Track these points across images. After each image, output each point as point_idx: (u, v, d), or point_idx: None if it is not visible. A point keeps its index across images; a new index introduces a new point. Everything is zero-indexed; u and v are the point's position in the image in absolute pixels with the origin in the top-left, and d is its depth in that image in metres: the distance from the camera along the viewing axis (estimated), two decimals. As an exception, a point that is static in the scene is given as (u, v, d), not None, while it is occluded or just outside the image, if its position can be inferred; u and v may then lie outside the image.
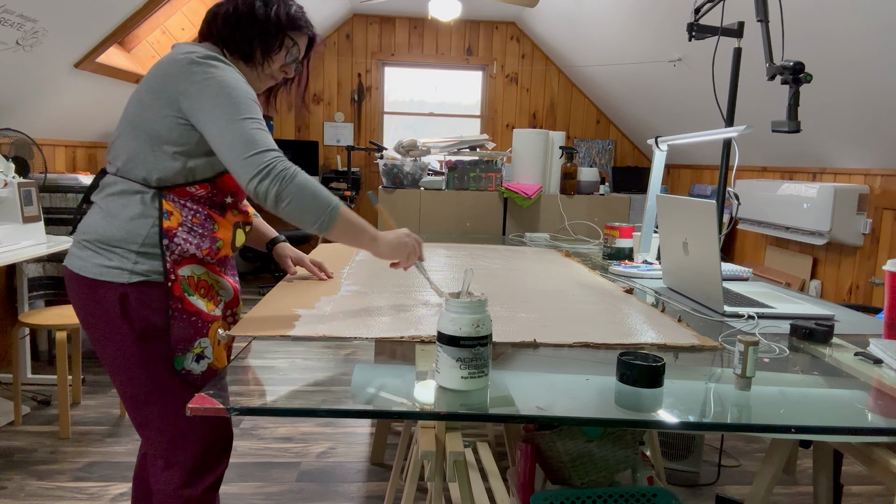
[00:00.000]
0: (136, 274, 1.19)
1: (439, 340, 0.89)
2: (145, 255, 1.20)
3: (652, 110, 5.14)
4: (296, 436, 2.59)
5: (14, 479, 2.18)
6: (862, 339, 1.27)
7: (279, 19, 1.31)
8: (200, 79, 1.17)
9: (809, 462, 2.52)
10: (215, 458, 1.30)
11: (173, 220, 1.22)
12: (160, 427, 1.24)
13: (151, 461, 1.28)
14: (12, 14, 2.39)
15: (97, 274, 1.19)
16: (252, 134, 1.17)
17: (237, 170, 1.16)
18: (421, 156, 3.15)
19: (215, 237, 1.28)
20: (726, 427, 0.84)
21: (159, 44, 3.77)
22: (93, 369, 3.27)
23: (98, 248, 1.20)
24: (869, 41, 2.56)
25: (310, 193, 1.19)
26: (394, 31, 5.95)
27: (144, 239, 1.20)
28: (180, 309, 1.23)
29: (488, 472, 1.79)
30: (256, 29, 1.30)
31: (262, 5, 1.30)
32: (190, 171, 1.23)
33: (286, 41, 1.33)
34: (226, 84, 1.18)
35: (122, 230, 1.20)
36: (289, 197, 1.16)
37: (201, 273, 1.28)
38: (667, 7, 3.63)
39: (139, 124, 1.20)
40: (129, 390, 1.23)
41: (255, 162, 1.15)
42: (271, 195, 1.15)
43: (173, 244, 1.22)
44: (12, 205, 2.50)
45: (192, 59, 1.18)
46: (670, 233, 1.62)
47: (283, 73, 1.38)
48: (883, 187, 3.11)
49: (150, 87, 1.20)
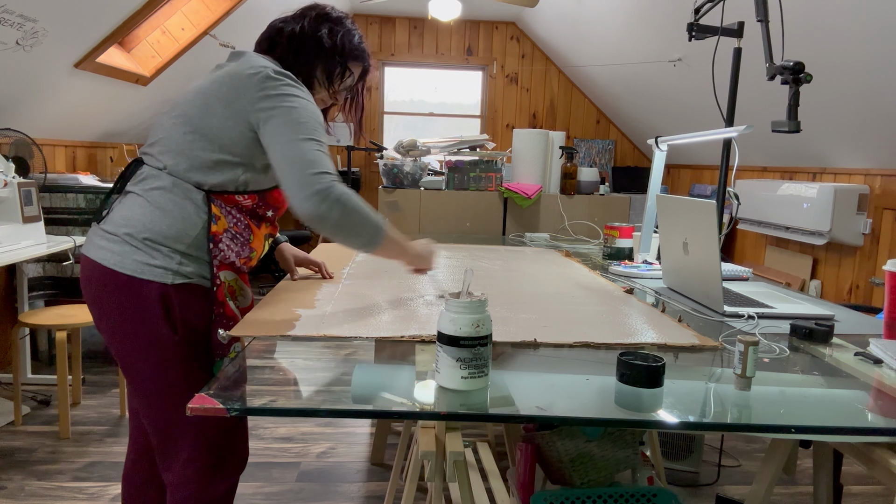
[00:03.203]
0: (179, 275, 1.18)
1: (439, 340, 0.89)
2: (190, 258, 1.19)
3: (652, 110, 5.14)
4: (296, 436, 2.59)
5: (14, 479, 2.18)
6: (862, 339, 1.27)
7: (343, 49, 1.34)
8: (274, 94, 1.19)
9: (809, 462, 2.52)
10: (236, 458, 1.30)
11: (220, 225, 1.22)
12: (184, 431, 1.23)
13: (168, 465, 1.25)
14: (12, 14, 2.39)
15: (137, 271, 1.16)
16: (315, 155, 1.18)
17: (293, 188, 1.16)
18: (421, 156, 3.15)
19: (252, 247, 1.29)
20: (726, 427, 0.84)
21: (159, 44, 3.77)
22: (93, 369, 3.27)
23: (141, 243, 1.17)
24: (869, 41, 2.56)
25: (363, 219, 1.21)
26: (394, 31, 5.95)
27: (193, 240, 1.19)
28: (221, 314, 1.23)
29: (488, 472, 1.79)
30: (321, 55, 1.33)
31: (328, 33, 1.32)
32: (243, 182, 1.24)
33: (347, 71, 1.36)
34: (297, 104, 1.20)
35: (172, 227, 1.18)
36: (346, 223, 1.19)
37: (232, 280, 1.29)
38: (667, 7, 3.63)
39: (200, 127, 1.20)
40: (155, 392, 1.20)
41: (313, 182, 1.16)
42: (331, 219, 1.17)
43: (217, 249, 1.22)
44: (12, 205, 2.50)
45: (268, 75, 1.20)
46: (670, 233, 1.62)
47: (333, 99, 1.41)
48: (883, 187, 3.11)
49: (221, 94, 1.20)
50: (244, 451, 1.34)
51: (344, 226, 1.19)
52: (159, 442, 1.25)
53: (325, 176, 1.17)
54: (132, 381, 1.22)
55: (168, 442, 1.24)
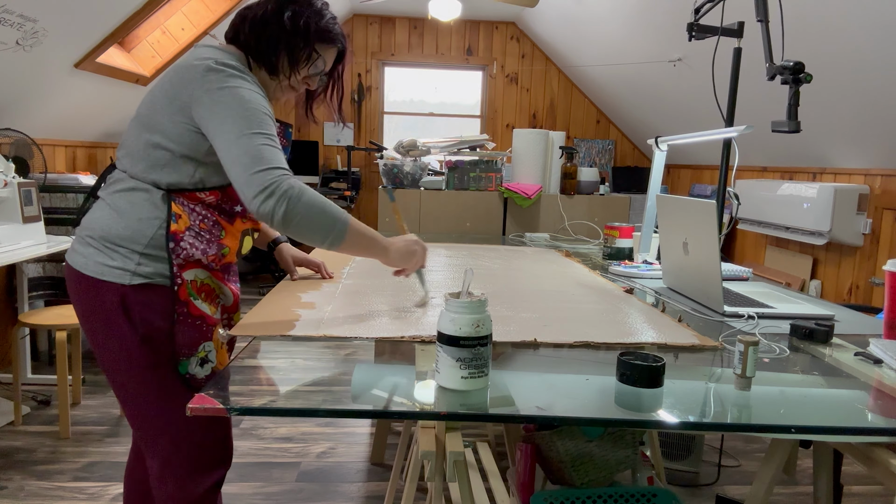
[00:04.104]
0: (138, 276, 1.17)
1: (439, 340, 0.89)
2: (149, 257, 1.18)
3: (652, 110, 5.14)
4: (296, 436, 2.59)
5: (14, 479, 2.18)
6: (862, 339, 1.27)
7: (308, 30, 1.26)
8: (215, 87, 1.14)
9: (809, 462, 2.52)
10: (216, 459, 1.30)
11: (181, 223, 1.20)
12: (160, 429, 1.23)
13: (150, 462, 1.27)
14: (12, 14, 2.39)
15: (98, 273, 1.17)
16: (260, 150, 1.12)
17: (241, 186, 1.11)
18: (421, 156, 3.15)
19: (222, 244, 1.26)
20: (726, 427, 0.84)
21: (159, 44, 3.77)
22: (93, 369, 3.26)
23: (101, 245, 1.18)
24: (869, 41, 2.56)
25: (318, 211, 1.14)
26: (394, 31, 5.95)
27: (150, 240, 1.18)
28: (185, 313, 1.21)
29: (488, 472, 1.79)
30: (284, 39, 1.25)
31: (292, 14, 1.25)
32: (199, 179, 1.20)
33: (313, 54, 1.28)
34: (240, 96, 1.14)
35: (128, 229, 1.17)
36: (297, 217, 1.12)
37: (204, 277, 1.26)
38: (667, 7, 3.63)
39: (150, 125, 1.18)
40: (128, 392, 1.22)
41: (259, 179, 1.10)
42: (278, 215, 1.10)
43: (179, 248, 1.20)
44: (12, 205, 2.50)
45: (210, 67, 1.15)
46: (670, 233, 1.62)
47: (305, 85, 1.34)
48: (883, 187, 3.11)
49: (165, 89, 1.18)
50: (227, 448, 1.33)
51: (297, 221, 1.12)
52: (140, 440, 1.26)
53: (271, 171, 1.11)
54: (109, 381, 1.24)
55: (147, 440, 1.25)
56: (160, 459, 1.25)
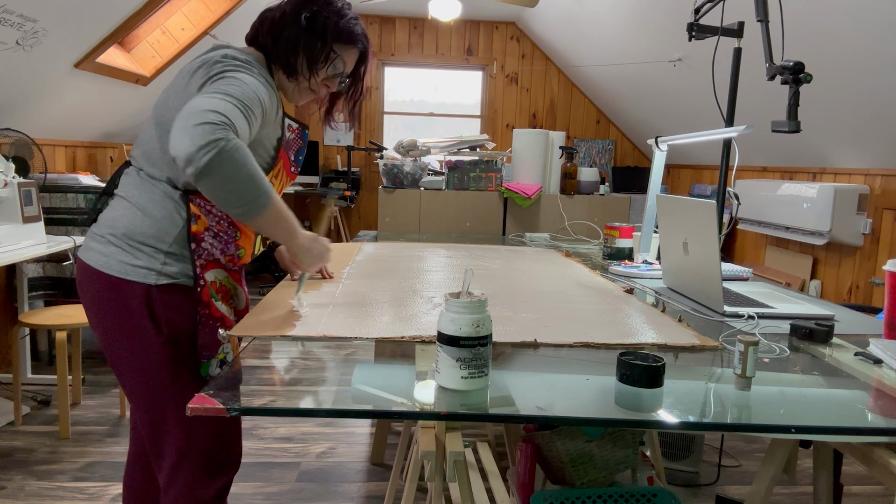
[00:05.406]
0: (163, 276, 1.16)
1: (439, 340, 0.89)
2: (174, 257, 1.17)
3: (652, 110, 5.14)
4: (296, 436, 2.59)
5: (14, 479, 2.18)
6: (862, 339, 1.27)
7: (326, 30, 1.23)
8: (215, 73, 1.12)
9: (809, 462, 2.52)
10: (226, 462, 1.29)
11: (200, 224, 1.19)
12: (174, 431, 1.22)
13: (159, 464, 1.25)
14: (12, 14, 2.39)
15: (122, 272, 1.15)
16: (217, 104, 1.01)
17: (174, 129, 0.98)
18: (421, 156, 3.15)
19: (238, 245, 1.26)
20: (726, 427, 0.84)
21: (159, 44, 3.77)
22: (93, 369, 3.27)
23: (125, 243, 1.16)
24: (869, 41, 2.56)
25: (247, 175, 1.02)
26: (394, 31, 5.95)
27: (174, 239, 1.16)
28: (207, 314, 1.21)
29: (488, 472, 1.79)
30: (301, 39, 1.22)
31: (310, 15, 1.22)
32: None
33: (332, 54, 1.25)
34: (237, 78, 1.11)
35: (153, 226, 1.16)
36: (221, 171, 0.98)
37: (223, 278, 1.26)
38: (667, 7, 3.63)
39: (163, 124, 1.17)
40: (143, 393, 1.20)
41: (197, 117, 0.98)
42: (200, 161, 0.96)
43: (200, 248, 1.19)
44: (12, 205, 2.50)
45: (215, 59, 1.14)
46: (670, 233, 1.62)
47: (325, 87, 1.31)
48: (883, 187, 3.11)
49: (176, 87, 1.17)
50: (237, 452, 1.32)
51: (218, 174, 0.98)
52: (150, 442, 1.25)
53: (215, 115, 0.98)
54: (122, 382, 1.22)
55: (158, 442, 1.23)
56: (171, 462, 1.23)
